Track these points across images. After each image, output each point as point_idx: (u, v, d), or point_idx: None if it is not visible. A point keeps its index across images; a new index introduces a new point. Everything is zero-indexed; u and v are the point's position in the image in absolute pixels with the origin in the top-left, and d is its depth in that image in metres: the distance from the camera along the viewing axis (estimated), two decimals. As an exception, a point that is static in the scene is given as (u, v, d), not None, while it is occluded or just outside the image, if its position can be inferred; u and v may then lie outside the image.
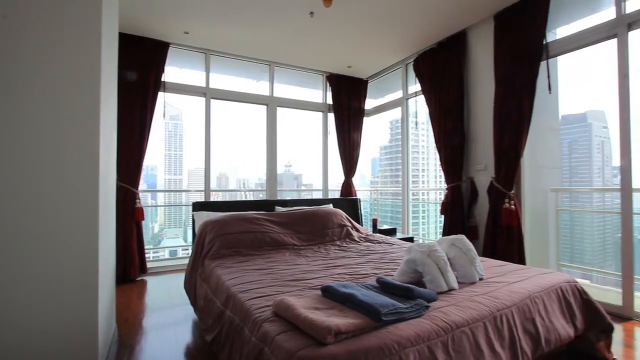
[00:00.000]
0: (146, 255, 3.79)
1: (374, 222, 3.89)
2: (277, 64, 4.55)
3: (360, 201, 4.24)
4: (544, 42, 2.74)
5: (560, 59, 2.93)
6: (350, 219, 3.40)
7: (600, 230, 4.08)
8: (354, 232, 3.18)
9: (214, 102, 4.23)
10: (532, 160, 3.09)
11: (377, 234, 3.35)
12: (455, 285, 1.66)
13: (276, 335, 1.14)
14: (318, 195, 5.16)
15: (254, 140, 4.85)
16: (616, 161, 2.47)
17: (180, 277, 2.77)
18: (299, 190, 6.31)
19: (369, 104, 5.23)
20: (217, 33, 3.65)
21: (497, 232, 2.97)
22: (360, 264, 2.21)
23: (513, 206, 2.85)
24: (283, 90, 4.76)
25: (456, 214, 3.42)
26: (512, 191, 2.90)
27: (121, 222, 3.33)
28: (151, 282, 3.51)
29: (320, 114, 5.07)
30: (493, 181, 3.04)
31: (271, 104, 4.56)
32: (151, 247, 4.91)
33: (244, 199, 5.36)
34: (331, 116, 4.94)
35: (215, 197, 4.77)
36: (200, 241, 2.59)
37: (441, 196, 3.66)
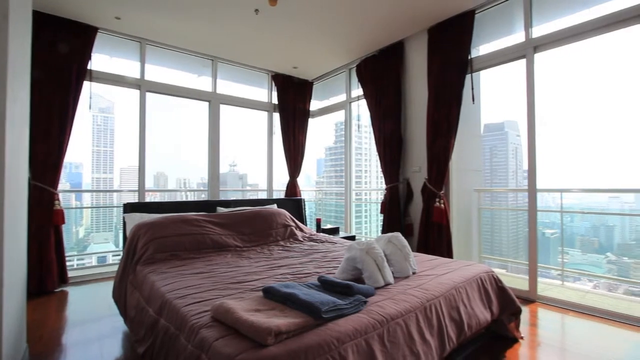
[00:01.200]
0: (68, 264, 3.39)
1: (318, 221, 3.96)
2: (221, 60, 4.39)
3: (304, 201, 4.28)
4: (469, 58, 3.05)
5: (483, 73, 3.28)
6: (295, 219, 3.42)
7: (514, 225, 4.66)
8: (298, 232, 3.20)
9: (150, 96, 3.94)
10: (459, 164, 3.42)
11: (321, 234, 3.42)
12: (391, 280, 1.77)
13: (214, 340, 1.11)
14: (263, 195, 5.09)
15: (196, 137, 4.62)
16: (525, 165, 2.85)
17: (110, 286, 2.52)
18: (244, 190, 6.16)
19: (314, 105, 5.30)
20: (153, 21, 3.41)
21: (430, 229, 3.23)
22: (304, 263, 2.24)
23: (443, 205, 3.13)
24: (227, 87, 4.61)
25: (394, 212, 3.64)
26: (442, 191, 3.18)
27: (36, 227, 2.93)
28: (74, 292, 3.15)
29: (265, 114, 5.01)
30: (426, 182, 3.30)
31: (214, 100, 4.39)
32: (75, 253, 4.39)
33: (185, 199, 5.06)
34: (277, 116, 4.92)
35: (152, 198, 4.45)
36: (132, 245, 2.39)
37: (382, 196, 3.86)
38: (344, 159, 4.70)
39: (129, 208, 2.91)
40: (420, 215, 3.36)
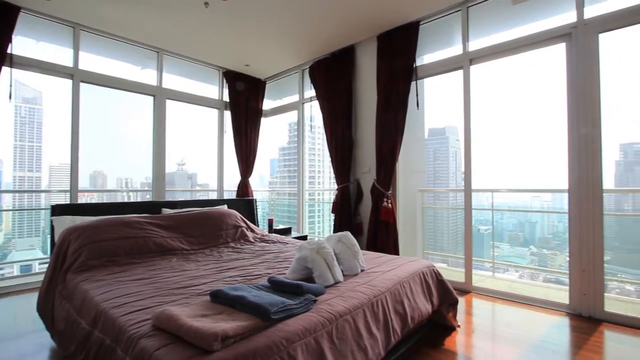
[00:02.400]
0: (-21, 275, 2.96)
1: (270, 222, 3.92)
2: (167, 53, 4.15)
3: (256, 201, 4.21)
4: (414, 66, 3.24)
5: (426, 80, 3.51)
6: (246, 219, 3.36)
7: (454, 223, 5.04)
8: (249, 233, 3.14)
9: (85, 87, 3.59)
10: (405, 165, 3.62)
11: (273, 234, 3.39)
12: (340, 278, 1.82)
13: (155, 350, 1.05)
14: (214, 196, 4.91)
15: (140, 134, 4.31)
16: (464, 167, 3.11)
17: (34, 298, 2.25)
18: (193, 190, 5.89)
19: (267, 104, 5.24)
20: (89, 6, 3.11)
21: (378, 227, 3.37)
22: (255, 264, 2.21)
23: (390, 205, 3.29)
24: (174, 82, 4.37)
25: (345, 212, 3.74)
26: (390, 191, 3.34)
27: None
28: (-14, 308, 2.76)
29: (216, 111, 4.84)
30: (375, 183, 3.43)
31: (159, 95, 4.13)
32: (-10, 263, 3.85)
33: (126, 200, 4.69)
34: (228, 114, 4.77)
35: (88, 199, 4.06)
36: (62, 252, 2.17)
37: (334, 196, 3.94)
38: (297, 160, 4.71)
39: (58, 210, 2.62)
40: (369, 215, 3.49)
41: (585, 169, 2.44)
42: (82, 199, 3.73)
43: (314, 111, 4.54)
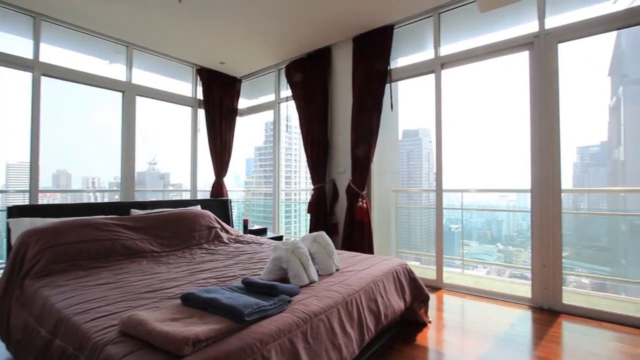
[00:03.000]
0: None
1: (245, 222, 3.87)
2: (138, 47, 3.98)
3: (231, 202, 4.15)
4: (389, 68, 3.31)
5: (400, 83, 3.59)
6: (220, 220, 3.30)
7: (427, 222, 5.20)
8: (223, 234, 3.09)
9: (47, 81, 3.38)
10: (380, 166, 3.69)
11: (248, 235, 3.35)
12: (315, 277, 1.83)
13: (122, 357, 1.01)
14: (187, 196, 4.77)
15: (108, 132, 4.11)
16: (435, 168, 3.21)
17: (-16, 307, 2.09)
18: (166, 190, 5.70)
19: (243, 103, 5.16)
20: (50, -4, 2.94)
21: (353, 227, 3.41)
22: (229, 266, 2.18)
23: (365, 204, 3.34)
24: (145, 78, 4.20)
25: (321, 212, 3.75)
26: (365, 192, 3.39)
27: None
28: None
29: (189, 109, 4.71)
30: (350, 183, 3.47)
31: (129, 91, 3.96)
32: None
33: (93, 201, 4.46)
34: (202, 112, 4.66)
35: (50, 200, 3.82)
36: (19, 256, 2.04)
37: (310, 196, 3.94)
38: (273, 159, 4.67)
39: (15, 212, 2.46)
40: (345, 214, 3.52)
41: (545, 170, 2.60)
42: (44, 199, 3.52)
43: (290, 111, 4.52)
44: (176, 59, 4.36)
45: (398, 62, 3.51)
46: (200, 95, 4.65)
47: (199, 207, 3.53)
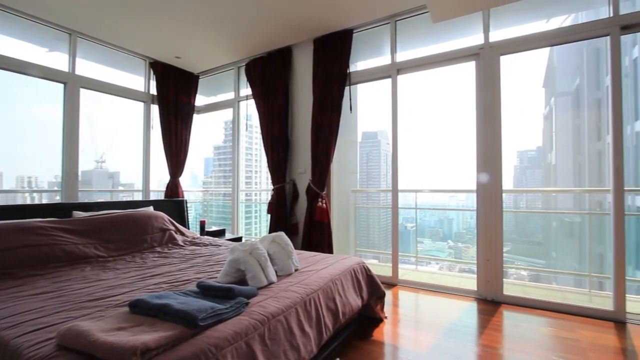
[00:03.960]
0: None
1: (202, 223, 3.74)
2: (82, 36, 3.67)
3: (187, 202, 3.98)
4: (348, 72, 3.38)
5: (360, 86, 3.69)
6: (175, 222, 3.15)
7: (385, 221, 5.39)
8: (178, 236, 2.96)
9: (-32, 68, 3.00)
10: (339, 166, 3.75)
11: (205, 237, 3.24)
12: (274, 278, 1.82)
13: (59, 372, 0.93)
14: (139, 196, 4.50)
15: (49, 127, 3.74)
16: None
17: None
18: (115, 191, 5.33)
19: (201, 100, 4.98)
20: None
21: (313, 227, 3.44)
22: (183, 269, 2.09)
23: (325, 205, 3.38)
24: (91, 69, 3.88)
25: (280, 212, 3.73)
26: (324, 192, 3.44)
27: None
28: None
29: (142, 105, 4.44)
30: (310, 183, 3.50)
31: (71, 83, 3.64)
32: None
33: (29, 202, 4.02)
34: (156, 108, 4.41)
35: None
36: None
37: (270, 197, 3.90)
38: (232, 159, 4.56)
39: None
40: (304, 215, 3.54)
41: (489, 172, 2.81)
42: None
43: (250, 110, 4.44)
44: (127, 50, 4.09)
45: (357, 65, 3.59)
46: (153, 90, 4.41)
47: (151, 209, 3.34)
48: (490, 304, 2.73)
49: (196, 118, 4.80)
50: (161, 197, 4.54)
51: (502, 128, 2.78)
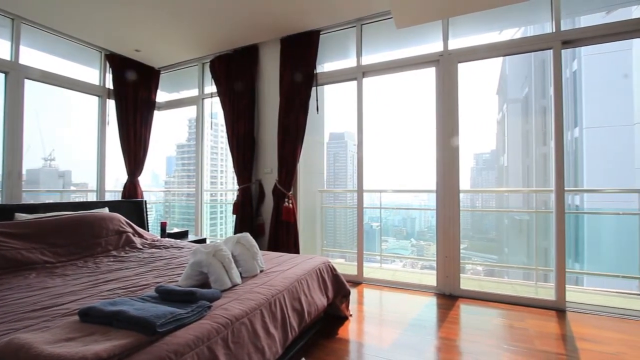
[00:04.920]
0: None
1: (163, 225, 3.58)
2: (28, 22, 3.37)
3: (146, 203, 3.80)
4: (315, 72, 3.40)
5: (327, 87, 3.72)
6: (133, 224, 2.99)
7: (351, 220, 5.48)
8: (136, 239, 2.81)
9: None
10: (306, 167, 3.77)
11: (166, 239, 3.11)
12: (238, 280, 1.79)
13: (-3, 389, 0.86)
14: (93, 197, 4.21)
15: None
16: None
17: None
18: (66, 191, 4.96)
19: (162, 96, 4.76)
20: None
21: (279, 227, 3.42)
22: (141, 274, 1.99)
23: (291, 205, 3.37)
24: (38, 58, 3.58)
25: (246, 213, 3.67)
26: (291, 192, 3.43)
27: None
28: None
29: (96, 99, 4.16)
30: (277, 183, 3.48)
31: (14, 72, 3.33)
32: None
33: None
34: (112, 103, 4.16)
35: None
36: None
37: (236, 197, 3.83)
38: (196, 158, 4.41)
39: None
40: (271, 215, 3.51)
41: (448, 173, 2.97)
42: None
43: (216, 108, 4.31)
44: (80, 40, 3.81)
45: (325, 66, 3.62)
46: (110, 84, 4.15)
47: (106, 210, 3.15)
48: (449, 298, 2.88)
49: (157, 115, 4.59)
50: (118, 197, 4.29)
51: (459, 131, 2.94)
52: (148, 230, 3.75)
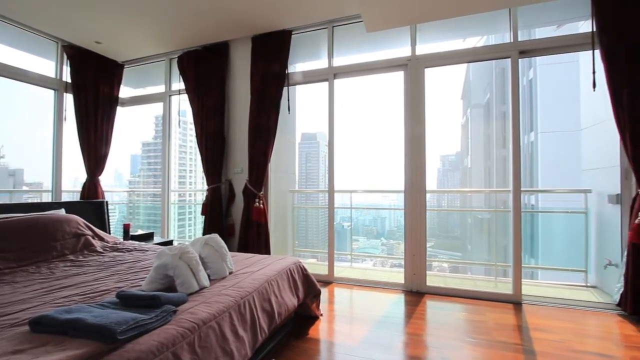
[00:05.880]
0: None
1: (126, 227, 3.42)
2: (-31, 7, 3.09)
3: (108, 204, 3.61)
4: (287, 72, 3.39)
5: (299, 87, 3.72)
6: (92, 226, 2.83)
7: (323, 220, 5.52)
8: (96, 242, 2.66)
9: None
10: (277, 167, 3.75)
11: (130, 241, 2.97)
12: (206, 283, 1.74)
13: None
14: (48, 198, 3.93)
15: None
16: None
17: None
18: (17, 191, 4.62)
19: (126, 92, 4.54)
20: None
21: (250, 228, 3.37)
22: (101, 279, 1.89)
23: (262, 205, 3.34)
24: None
25: (215, 214, 3.59)
26: (262, 192, 3.40)
27: None
28: None
29: (52, 93, 3.89)
30: (247, 183, 3.43)
31: (-46, 62, 3.04)
32: None
33: None
34: (70, 97, 3.90)
35: None
36: None
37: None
38: (162, 157, 4.25)
39: None
40: (241, 216, 3.46)
41: (415, 174, 3.07)
42: None
43: (184, 105, 4.17)
44: (32, 29, 3.54)
45: (297, 67, 3.62)
46: (68, 77, 3.90)
47: (63, 211, 2.95)
48: (416, 295, 2.98)
49: (121, 111, 4.37)
50: (77, 198, 4.03)
51: (427, 134, 3.05)
52: (110, 233, 3.56)
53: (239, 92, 3.68)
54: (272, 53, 3.39)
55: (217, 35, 3.57)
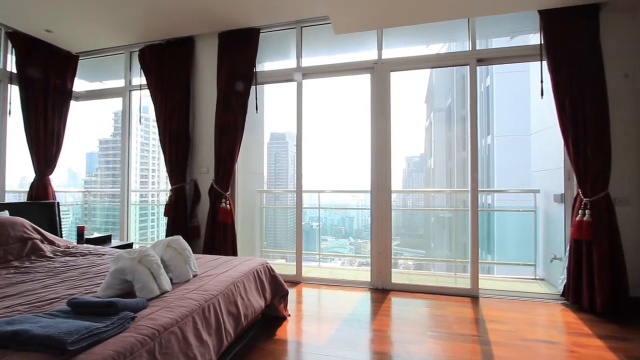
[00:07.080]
0: None
1: (80, 230, 3.20)
2: None
3: (59, 205, 3.36)
4: (254, 70, 3.35)
5: (267, 87, 3.68)
6: (41, 229, 2.63)
7: (292, 220, 5.51)
8: (45, 246, 2.47)
9: None
10: (245, 166, 3.68)
11: (84, 245, 2.79)
12: (168, 287, 1.68)
13: None
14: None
15: None
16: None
17: None
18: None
19: (82, 85, 4.26)
20: None
21: (216, 229, 3.29)
22: (50, 286, 1.76)
23: (229, 205, 3.27)
24: None
25: (179, 215, 3.46)
26: (228, 192, 3.33)
27: None
28: None
29: (-7, 84, 3.55)
30: (213, 183, 3.34)
31: None
32: None
33: None
34: (16, 89, 3.59)
35: None
36: None
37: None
38: (122, 155, 4.03)
39: None
40: (207, 216, 3.36)
41: (381, 174, 3.15)
42: None
43: (146, 101, 3.97)
44: (-30, 13, 3.21)
45: (265, 65, 3.58)
46: (13, 68, 3.58)
47: (6, 213, 2.71)
48: (381, 292, 3.06)
49: (75, 106, 4.09)
50: (23, 199, 3.72)
51: (392, 136, 3.14)
52: (62, 236, 3.32)
53: (204, 89, 3.58)
54: (239, 50, 3.33)
55: (182, 29, 3.44)
